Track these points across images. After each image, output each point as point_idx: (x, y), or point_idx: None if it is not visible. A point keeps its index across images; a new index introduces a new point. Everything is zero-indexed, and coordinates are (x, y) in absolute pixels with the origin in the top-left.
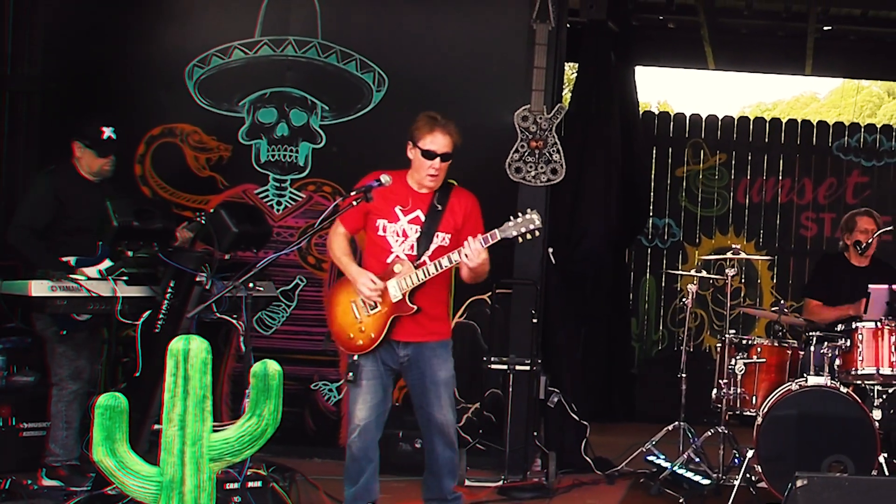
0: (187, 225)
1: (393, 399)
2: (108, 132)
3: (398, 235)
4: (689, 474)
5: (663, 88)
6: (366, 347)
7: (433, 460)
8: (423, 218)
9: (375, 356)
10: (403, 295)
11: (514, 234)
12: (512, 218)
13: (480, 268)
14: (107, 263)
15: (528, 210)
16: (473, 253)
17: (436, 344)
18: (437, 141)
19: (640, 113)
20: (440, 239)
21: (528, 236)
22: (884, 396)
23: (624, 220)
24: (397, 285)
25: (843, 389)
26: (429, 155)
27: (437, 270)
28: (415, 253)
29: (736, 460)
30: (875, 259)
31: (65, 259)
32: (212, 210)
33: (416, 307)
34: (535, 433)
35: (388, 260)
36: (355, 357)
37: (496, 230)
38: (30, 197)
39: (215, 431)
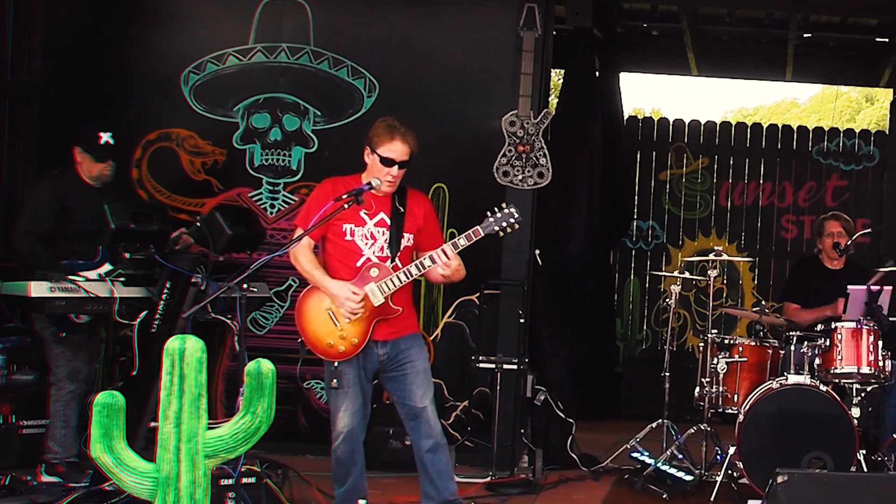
0: (188, 230)
1: (383, 398)
2: (105, 137)
3: (367, 238)
4: (673, 470)
5: (647, 94)
6: (348, 353)
7: (423, 461)
8: (387, 220)
9: (357, 361)
10: (386, 298)
11: (496, 228)
12: (490, 214)
13: (456, 273)
14: (106, 267)
15: (506, 204)
16: (452, 259)
17: (409, 336)
18: (396, 149)
19: (625, 118)
20: (406, 239)
21: (509, 230)
22: (862, 395)
23: (608, 223)
24: (378, 289)
25: (823, 388)
26: (387, 162)
27: (418, 272)
28: (386, 254)
29: (718, 457)
30: (849, 261)
31: (65, 263)
32: (207, 213)
33: (399, 308)
34: (522, 430)
35: (359, 263)
36: (336, 364)
37: (478, 227)
38: (33, 203)
39: (210, 429)
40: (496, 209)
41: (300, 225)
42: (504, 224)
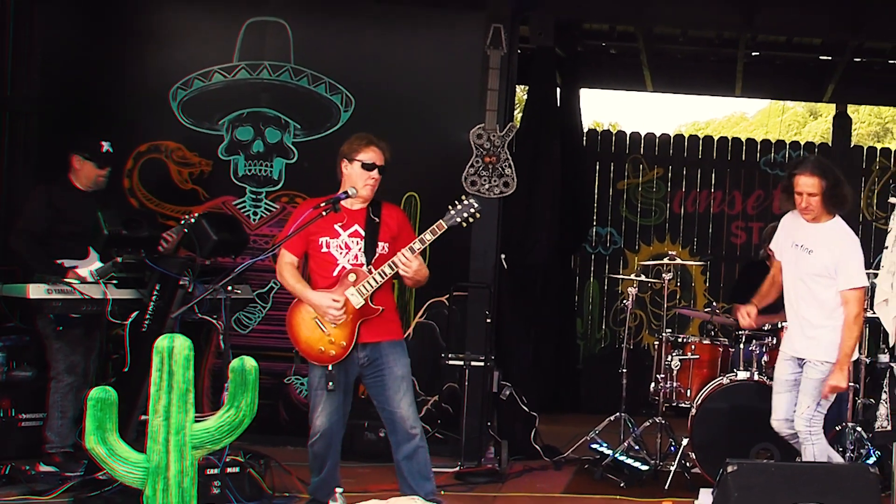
0: (175, 228)
1: (359, 391)
2: (106, 146)
3: (342, 248)
4: (630, 461)
5: (606, 108)
6: (339, 357)
7: (400, 463)
8: (362, 231)
9: (344, 366)
10: (366, 300)
11: (458, 220)
12: (451, 207)
13: (417, 274)
14: (97, 264)
15: (465, 196)
16: (411, 262)
17: (391, 342)
18: (374, 154)
19: (585, 131)
20: (381, 248)
21: (471, 220)
22: None
23: (569, 229)
24: (357, 292)
25: (770, 383)
26: (368, 166)
27: (391, 271)
28: (360, 262)
29: (672, 448)
30: None
31: (59, 261)
32: (193, 219)
33: (380, 308)
34: (489, 423)
35: (335, 273)
36: (330, 367)
37: (441, 221)
38: (29, 206)
39: (197, 422)
40: (456, 202)
41: (284, 247)
42: (465, 215)
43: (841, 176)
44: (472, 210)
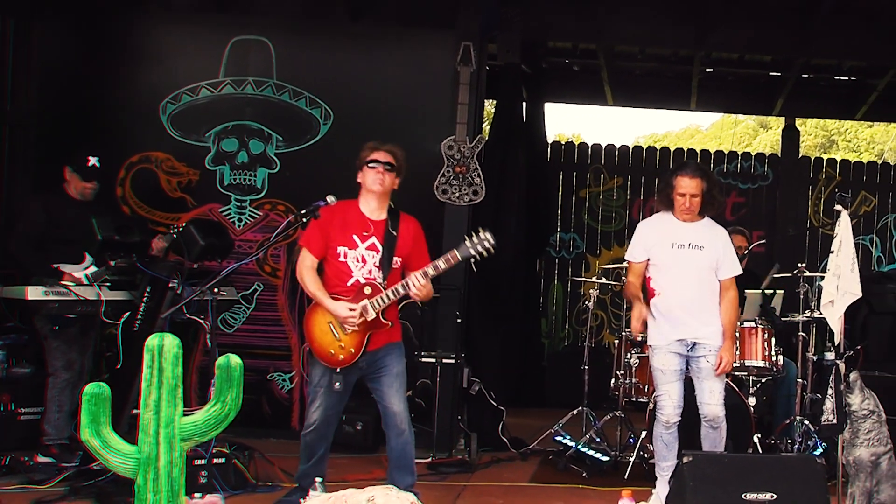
0: (162, 235)
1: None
2: (93, 161)
3: (358, 261)
4: (591, 452)
5: (569, 121)
6: (347, 362)
7: (389, 452)
8: (379, 245)
9: (348, 368)
10: (377, 313)
11: (472, 252)
12: (467, 238)
13: (427, 296)
14: (92, 268)
15: (482, 230)
16: (423, 287)
17: (391, 343)
18: (380, 154)
19: (549, 142)
20: (395, 262)
21: (484, 254)
22: (758, 386)
23: (534, 235)
24: (371, 306)
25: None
26: (373, 163)
27: (403, 291)
28: (374, 276)
29: (631, 440)
30: (745, 269)
31: (55, 265)
32: (182, 226)
33: (389, 322)
34: (459, 417)
35: (349, 283)
36: (338, 370)
37: (455, 251)
38: (27, 214)
39: (185, 415)
40: (473, 234)
41: (303, 244)
42: (480, 248)
43: (717, 180)
44: (487, 245)
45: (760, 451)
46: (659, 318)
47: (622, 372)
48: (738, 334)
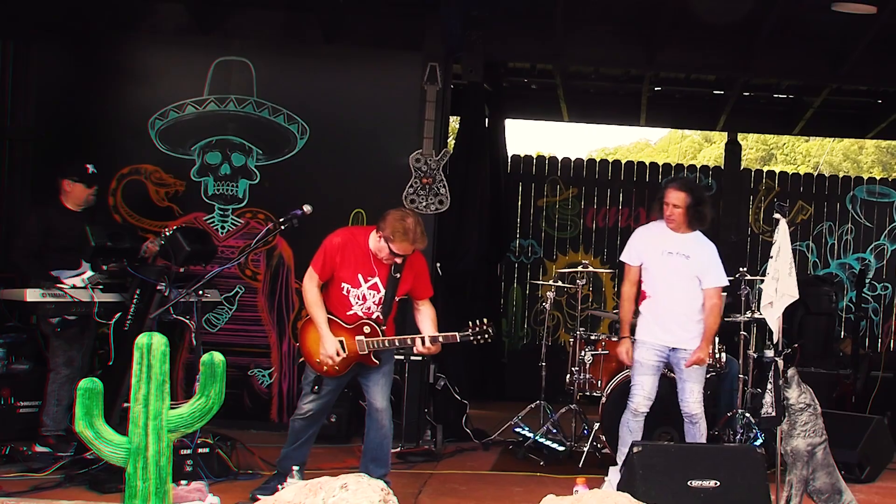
0: (155, 239)
1: None
2: (91, 168)
3: (359, 298)
4: (548, 442)
5: (528, 136)
6: (332, 375)
7: (366, 444)
8: (381, 287)
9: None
10: (370, 352)
11: (471, 339)
12: (471, 325)
13: (435, 351)
14: (88, 273)
15: (487, 320)
16: (429, 350)
17: None
18: (404, 249)
19: (510, 156)
20: (396, 300)
21: (481, 341)
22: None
23: (495, 241)
24: (366, 344)
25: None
26: (394, 254)
27: (399, 345)
28: (373, 311)
29: (585, 431)
30: None
31: (54, 273)
32: (169, 232)
33: (378, 361)
34: (426, 410)
35: (348, 313)
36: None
37: (457, 333)
38: (26, 226)
39: (172, 409)
40: (478, 322)
41: (313, 267)
42: (479, 338)
43: (706, 197)
44: (487, 336)
45: (705, 441)
46: (649, 317)
47: (577, 368)
48: None
